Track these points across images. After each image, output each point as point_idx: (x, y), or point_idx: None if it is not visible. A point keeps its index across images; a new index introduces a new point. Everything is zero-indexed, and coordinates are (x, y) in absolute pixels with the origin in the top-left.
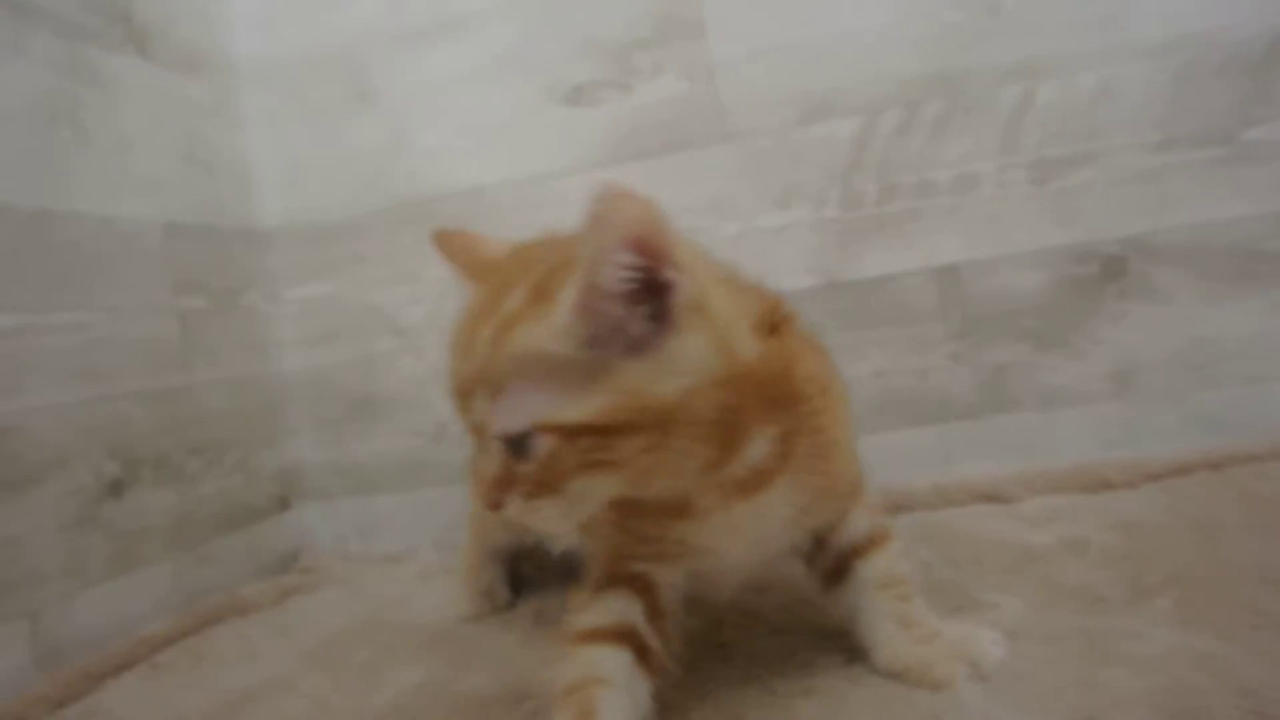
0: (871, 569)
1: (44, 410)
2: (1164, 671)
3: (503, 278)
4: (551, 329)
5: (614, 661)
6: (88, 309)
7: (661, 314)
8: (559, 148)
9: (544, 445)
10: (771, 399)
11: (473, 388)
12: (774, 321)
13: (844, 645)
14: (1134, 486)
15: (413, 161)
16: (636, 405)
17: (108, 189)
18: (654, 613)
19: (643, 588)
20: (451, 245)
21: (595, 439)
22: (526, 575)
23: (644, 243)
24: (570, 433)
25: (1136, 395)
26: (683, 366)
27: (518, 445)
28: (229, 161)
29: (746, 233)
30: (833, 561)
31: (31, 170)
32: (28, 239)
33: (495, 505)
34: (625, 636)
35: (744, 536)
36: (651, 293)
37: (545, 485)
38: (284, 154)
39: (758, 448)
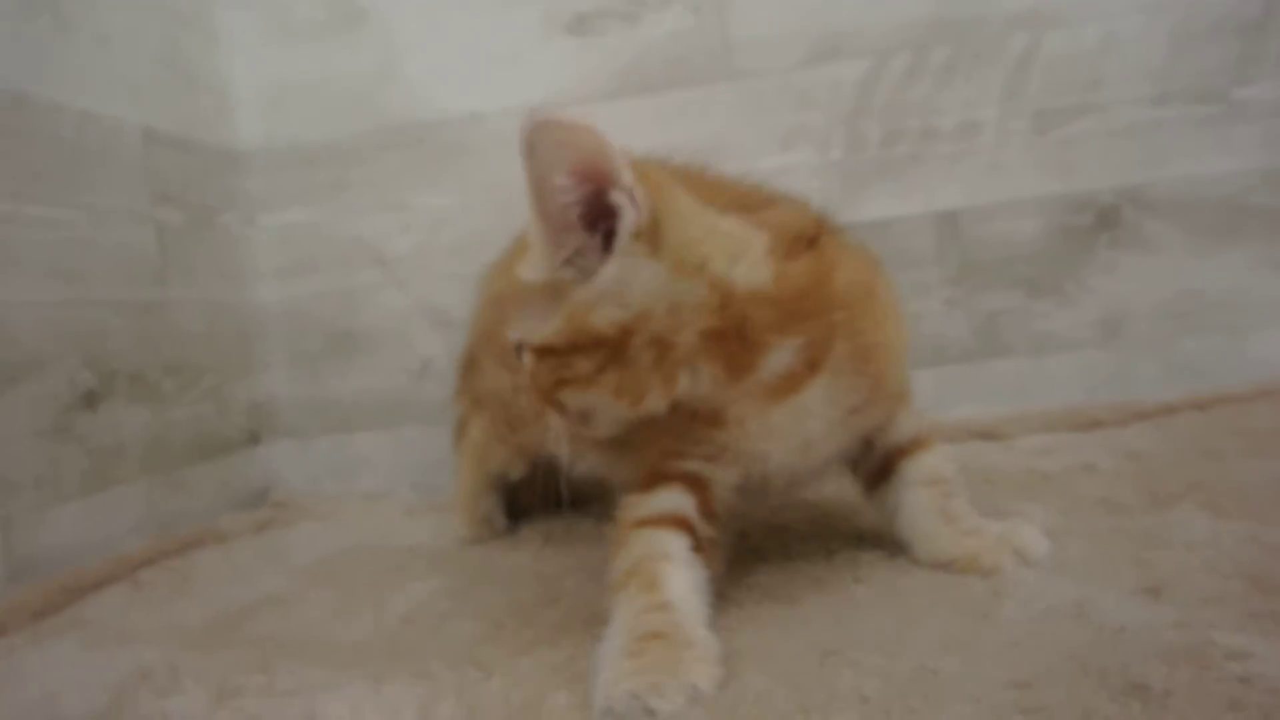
0: (916, 467)
1: (21, 307)
2: (1216, 548)
3: None
4: (529, 261)
5: (674, 542)
6: (66, 205)
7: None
8: (559, 77)
9: (528, 360)
10: (792, 313)
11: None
12: (812, 235)
13: (882, 546)
14: (1125, 425)
15: (404, 86)
16: (576, 330)
17: (87, 83)
18: (706, 510)
19: (695, 485)
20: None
21: (556, 358)
22: (524, 507)
23: (584, 168)
24: (538, 351)
25: (1124, 342)
26: (623, 295)
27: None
28: (207, 76)
29: (748, 173)
30: (878, 463)
31: (10, 54)
32: (6, 124)
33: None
34: (680, 524)
35: (786, 439)
36: (605, 218)
37: (541, 395)
38: (264, 73)
39: (779, 358)
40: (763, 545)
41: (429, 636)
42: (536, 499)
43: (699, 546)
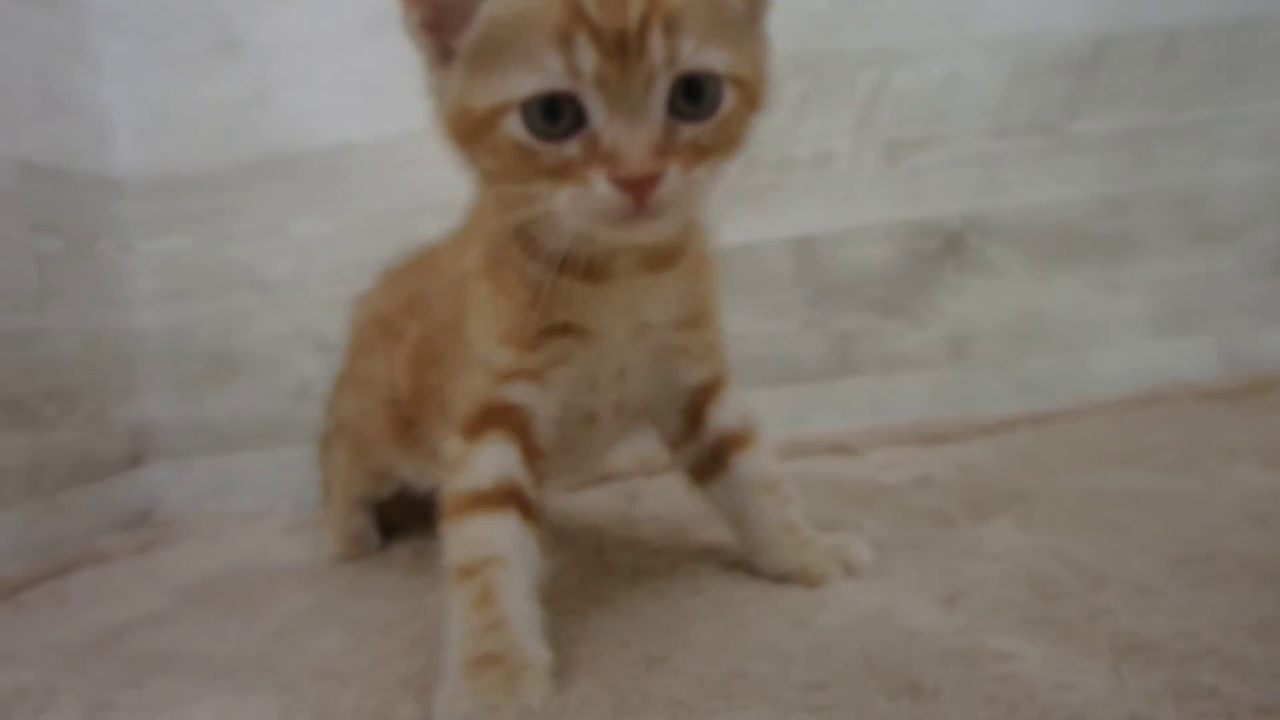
0: (751, 467)
1: None
2: (1014, 559)
3: None
4: None
5: (504, 532)
6: None
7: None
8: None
9: (731, 100)
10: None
11: (646, 23)
12: None
13: (723, 558)
14: (968, 439)
15: (278, 116)
16: (764, 78)
17: None
18: (528, 451)
19: (517, 425)
20: None
21: (751, 110)
22: (395, 524)
23: None
24: (750, 96)
25: (970, 361)
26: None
27: (696, 96)
28: (84, 104)
29: None
30: (709, 450)
31: None
32: None
33: (654, 178)
34: (509, 495)
35: (634, 318)
36: None
37: (716, 150)
38: (140, 101)
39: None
40: (616, 560)
41: (294, 651)
42: (407, 515)
43: (527, 511)
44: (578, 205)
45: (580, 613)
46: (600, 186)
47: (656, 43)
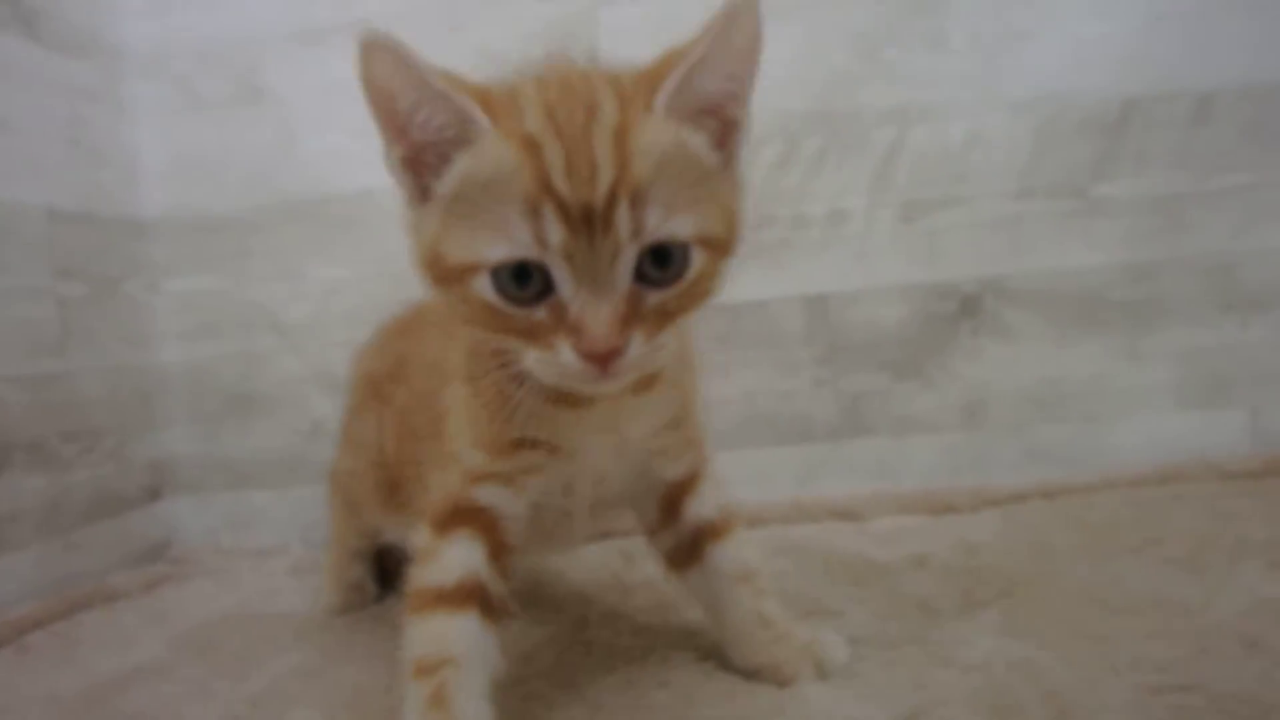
0: (726, 557)
1: None
2: (984, 673)
3: (548, 100)
4: (691, 137)
5: (462, 632)
6: None
7: (726, 141)
8: None
9: (700, 262)
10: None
11: (614, 198)
12: None
13: (699, 643)
14: (975, 511)
15: (303, 161)
16: (737, 225)
17: None
18: (496, 549)
19: (485, 525)
20: (401, 66)
21: (724, 260)
22: (395, 570)
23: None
24: (720, 250)
25: (983, 426)
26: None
27: (663, 262)
28: (113, 150)
29: None
30: (687, 539)
31: None
32: None
33: (617, 351)
34: (471, 594)
35: (613, 436)
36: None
37: (683, 309)
38: (170, 145)
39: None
40: (596, 637)
41: None
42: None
43: (489, 609)
44: (545, 367)
45: (547, 700)
46: (565, 355)
47: (623, 216)
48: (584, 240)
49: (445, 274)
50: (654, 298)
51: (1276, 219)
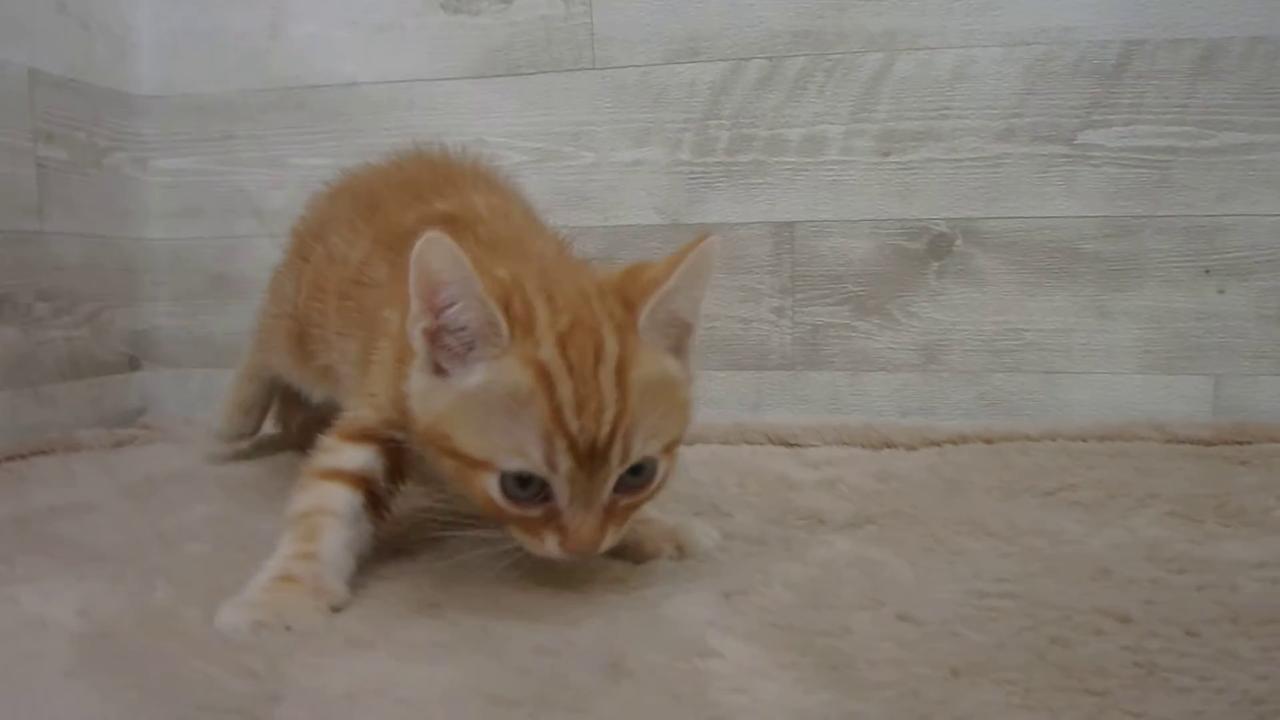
0: None
1: None
2: (824, 567)
3: (559, 330)
4: (665, 359)
5: (345, 498)
6: None
7: (683, 344)
8: (435, 52)
9: (664, 466)
10: None
11: (614, 434)
12: None
13: None
14: (914, 449)
15: (291, 47)
16: (690, 417)
17: None
18: (394, 472)
19: (389, 449)
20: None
21: (676, 446)
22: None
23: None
24: (678, 440)
25: (940, 369)
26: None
27: (636, 474)
28: (106, 21)
29: (601, 164)
30: None
31: None
32: None
33: (596, 546)
34: (360, 481)
35: None
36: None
37: (647, 499)
38: (164, 22)
39: None
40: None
41: (165, 551)
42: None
43: (373, 503)
44: (528, 544)
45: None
46: (551, 546)
47: (617, 448)
48: (585, 470)
49: (451, 453)
50: (626, 501)
51: (1267, 184)
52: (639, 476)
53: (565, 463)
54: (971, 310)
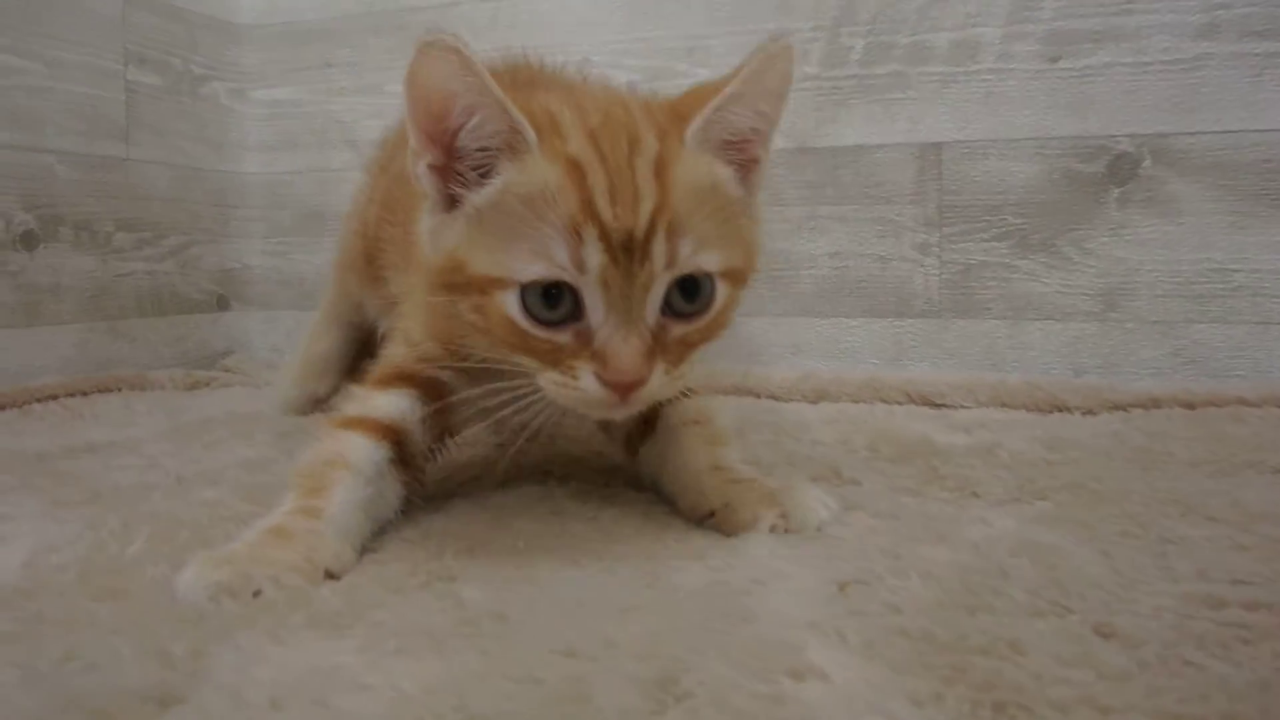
0: (677, 409)
1: None
2: (978, 553)
3: (590, 126)
4: (717, 166)
5: (367, 450)
6: (21, 52)
7: (748, 176)
8: None
9: (723, 294)
10: None
11: (653, 228)
12: None
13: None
14: (1093, 413)
15: None
16: (755, 257)
17: None
18: (436, 424)
19: (428, 387)
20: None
21: (741, 288)
22: None
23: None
24: (739, 282)
25: (1123, 318)
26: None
27: (690, 297)
28: None
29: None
30: (643, 413)
31: None
32: None
33: (642, 381)
34: (389, 433)
35: None
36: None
37: (701, 343)
38: None
39: None
40: (550, 464)
41: (171, 497)
42: None
43: (403, 459)
44: (561, 390)
45: (447, 510)
46: (587, 381)
47: (660, 246)
48: (621, 268)
49: (463, 283)
50: (678, 329)
51: None
52: (693, 301)
53: (596, 258)
54: (1164, 246)
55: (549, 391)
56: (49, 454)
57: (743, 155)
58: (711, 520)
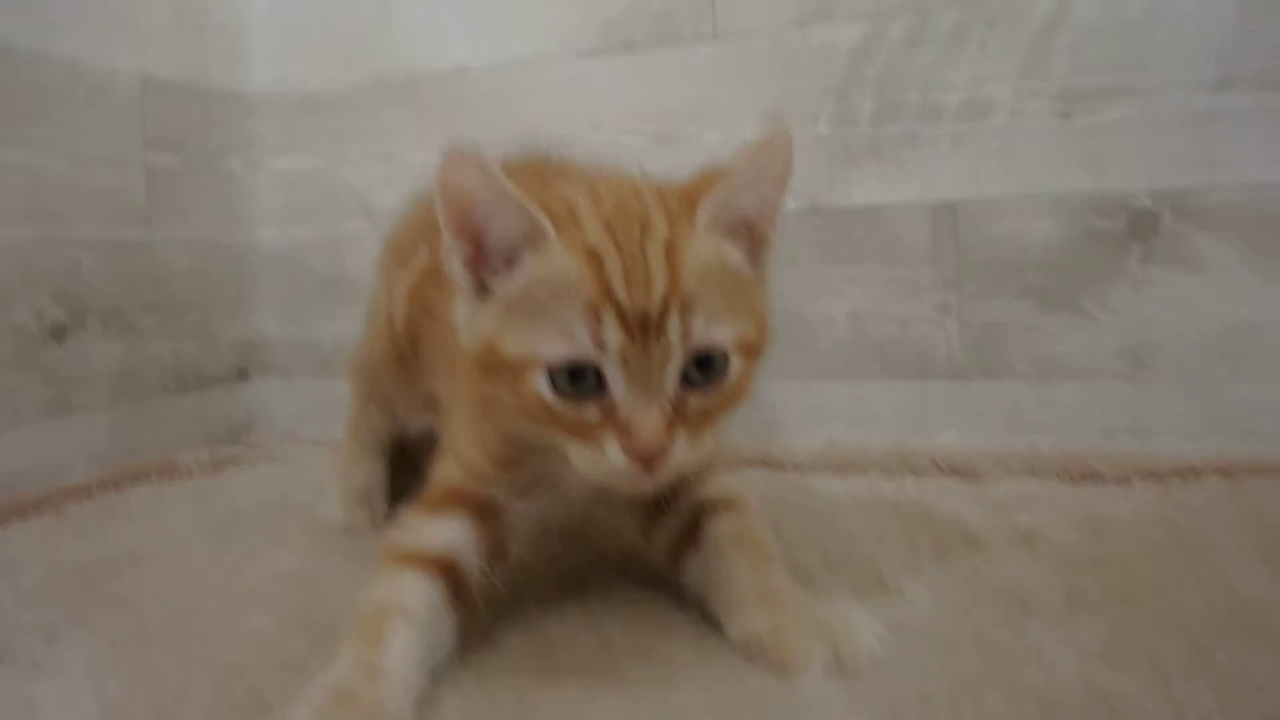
0: (723, 524)
1: None
2: (1046, 706)
3: (605, 215)
4: (725, 246)
5: (422, 591)
6: (45, 151)
7: (757, 255)
8: (544, 30)
9: (737, 366)
10: None
11: (666, 307)
12: None
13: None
14: (1126, 483)
15: (399, 36)
16: (767, 330)
17: (79, 33)
18: (492, 544)
19: (485, 509)
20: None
21: (756, 363)
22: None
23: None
24: (753, 353)
25: (1152, 378)
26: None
27: (705, 369)
28: (221, 22)
29: (728, 143)
30: (684, 522)
31: (5, 3)
32: None
33: (664, 451)
34: (444, 567)
35: None
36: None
37: (720, 413)
38: (278, 19)
39: None
40: (590, 586)
41: (221, 627)
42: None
43: (458, 591)
44: (591, 464)
45: (495, 642)
46: (614, 453)
47: (674, 323)
48: (639, 345)
49: (498, 366)
50: (696, 401)
51: None
52: (709, 372)
53: (615, 337)
54: (1190, 303)
55: (579, 465)
56: (89, 567)
57: (750, 235)
58: (759, 648)
